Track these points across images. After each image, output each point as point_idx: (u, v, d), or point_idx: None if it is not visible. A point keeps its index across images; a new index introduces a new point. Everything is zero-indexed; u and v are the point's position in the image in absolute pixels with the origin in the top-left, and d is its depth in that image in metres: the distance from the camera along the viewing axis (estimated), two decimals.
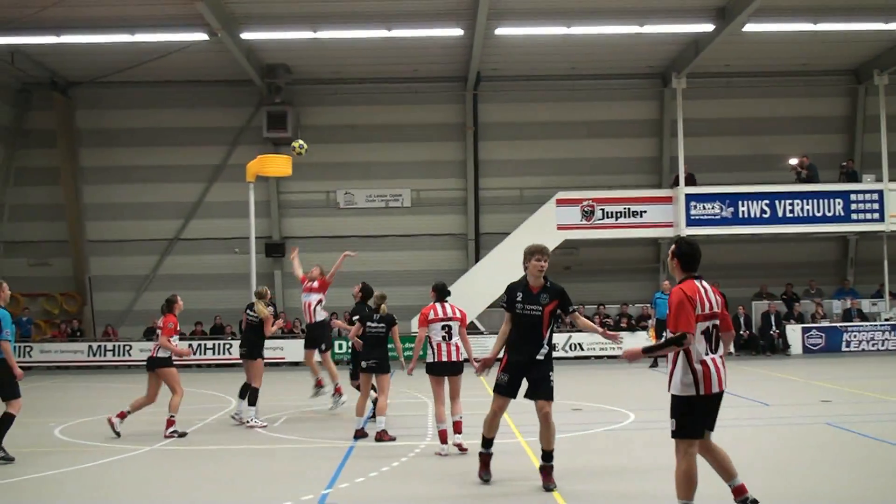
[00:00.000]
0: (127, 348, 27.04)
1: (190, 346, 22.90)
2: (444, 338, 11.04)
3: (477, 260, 28.40)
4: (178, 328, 13.17)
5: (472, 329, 26.87)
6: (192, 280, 28.52)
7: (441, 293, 11.33)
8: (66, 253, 29.52)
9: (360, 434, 12.20)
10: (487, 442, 9.34)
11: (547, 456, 9.03)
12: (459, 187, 29.49)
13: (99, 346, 26.99)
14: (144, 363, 13.29)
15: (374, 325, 12.23)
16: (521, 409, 9.41)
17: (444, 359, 10.99)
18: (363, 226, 29.39)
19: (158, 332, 13.20)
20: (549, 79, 28.92)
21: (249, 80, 27.67)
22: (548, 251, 9.27)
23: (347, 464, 10.44)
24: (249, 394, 13.78)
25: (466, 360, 10.85)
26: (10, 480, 9.81)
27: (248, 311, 14.28)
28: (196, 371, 25.24)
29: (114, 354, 26.84)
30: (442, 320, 11.09)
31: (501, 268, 24.66)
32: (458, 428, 10.98)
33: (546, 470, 9.01)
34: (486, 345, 26.16)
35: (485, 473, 9.30)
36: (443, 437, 10.98)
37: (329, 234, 29.32)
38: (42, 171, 29.32)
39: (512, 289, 9.22)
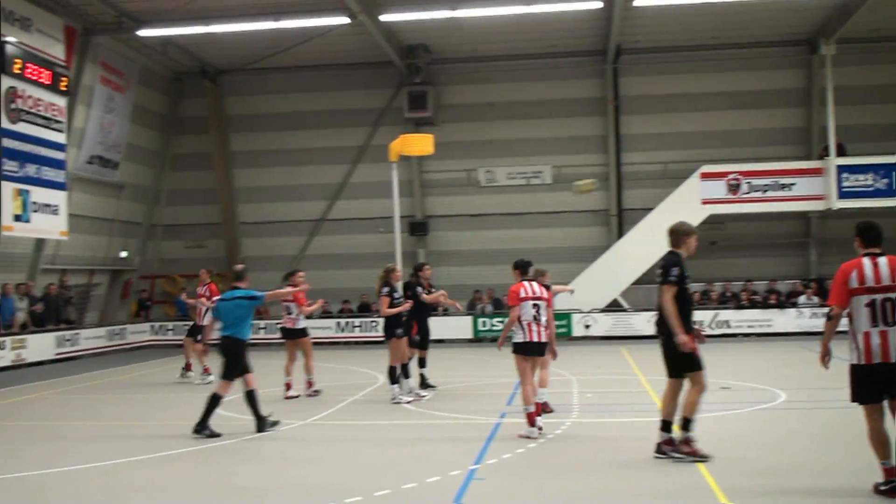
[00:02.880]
0: (277, 325, 27.78)
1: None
2: (534, 317, 10.73)
3: (620, 236, 28.11)
4: None
5: (615, 306, 26.69)
6: (338, 259, 29.30)
7: (525, 270, 11.11)
8: (220, 235, 30.79)
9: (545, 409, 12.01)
10: (688, 423, 9.04)
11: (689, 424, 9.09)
12: (601, 163, 29.15)
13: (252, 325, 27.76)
14: (291, 332, 15.25)
15: None
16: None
17: (535, 339, 10.71)
18: (504, 203, 29.48)
19: (290, 304, 15.03)
20: (691, 49, 28.20)
21: (390, 61, 28.05)
22: None
23: (495, 439, 10.57)
24: (389, 372, 14.03)
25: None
26: (223, 443, 10.35)
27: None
28: (344, 348, 25.91)
29: (266, 332, 27.53)
30: (532, 299, 10.77)
31: (646, 243, 24.38)
32: (544, 408, 10.54)
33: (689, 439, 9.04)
34: (628, 322, 26.01)
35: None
36: (531, 419, 10.52)
37: (471, 212, 29.60)
38: (196, 157, 30.65)
39: (679, 264, 9.12)
